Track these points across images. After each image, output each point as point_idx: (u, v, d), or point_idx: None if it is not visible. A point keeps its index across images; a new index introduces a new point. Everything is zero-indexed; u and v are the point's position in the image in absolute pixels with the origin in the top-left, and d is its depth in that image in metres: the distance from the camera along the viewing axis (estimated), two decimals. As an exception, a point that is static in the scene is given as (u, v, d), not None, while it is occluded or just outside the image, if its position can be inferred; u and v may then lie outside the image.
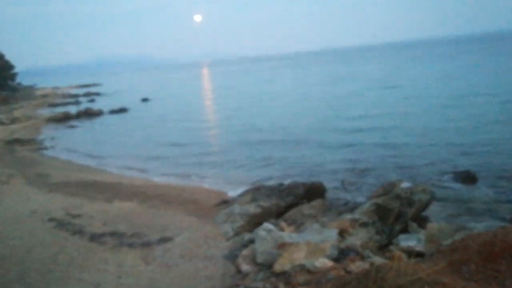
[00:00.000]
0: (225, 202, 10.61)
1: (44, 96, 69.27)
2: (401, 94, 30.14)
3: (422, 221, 7.15)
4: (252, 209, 8.83)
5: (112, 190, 12.92)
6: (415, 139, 16.36)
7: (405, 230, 6.78)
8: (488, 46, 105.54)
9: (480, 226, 6.22)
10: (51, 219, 9.97)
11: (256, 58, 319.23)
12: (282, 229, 7.48)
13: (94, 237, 8.80)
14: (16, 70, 65.88)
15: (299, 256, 6.11)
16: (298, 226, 7.68)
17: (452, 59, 65.25)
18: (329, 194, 10.61)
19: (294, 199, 9.45)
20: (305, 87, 43.59)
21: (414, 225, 6.82)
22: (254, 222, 8.55)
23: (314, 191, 10.03)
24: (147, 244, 8.38)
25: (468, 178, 10.87)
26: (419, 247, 5.96)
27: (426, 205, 7.25)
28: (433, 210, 8.45)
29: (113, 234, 9.00)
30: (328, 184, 11.37)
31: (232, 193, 11.84)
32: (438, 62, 63.07)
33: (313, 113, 25.24)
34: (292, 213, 8.65)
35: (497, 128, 16.71)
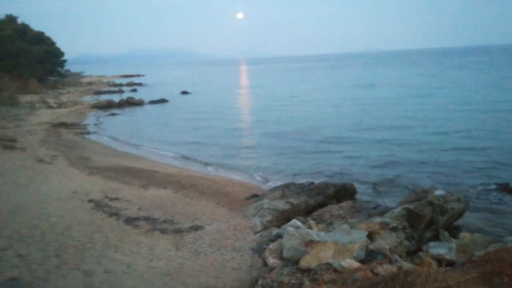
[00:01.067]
0: (255, 196, 10.76)
1: (90, 84, 72.27)
2: (439, 101, 29.37)
3: (454, 231, 6.99)
4: (281, 205, 8.92)
5: (148, 177, 13.38)
6: (452, 147, 15.94)
7: (435, 238, 6.66)
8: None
9: (516, 239, 6.02)
10: (90, 200, 10.48)
11: (294, 58, 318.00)
12: (310, 227, 7.52)
13: (129, 220, 9.17)
14: (65, 57, 68.83)
15: (326, 255, 6.13)
16: (326, 225, 7.69)
17: (497, 68, 62.35)
18: (359, 196, 10.55)
19: (323, 199, 9.46)
20: (341, 89, 43.04)
21: (445, 233, 6.68)
22: (283, 218, 8.64)
23: (344, 192, 9.99)
24: (178, 231, 8.65)
25: (506, 190, 10.49)
26: (450, 256, 5.84)
27: (459, 215, 7.07)
28: (466, 220, 8.22)
29: (147, 219, 9.35)
30: (359, 186, 11.32)
31: (263, 188, 12.00)
32: (481, 70, 60.44)
33: (348, 116, 25.02)
34: (321, 212, 8.67)
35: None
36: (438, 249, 6.07)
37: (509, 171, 12.49)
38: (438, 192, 7.00)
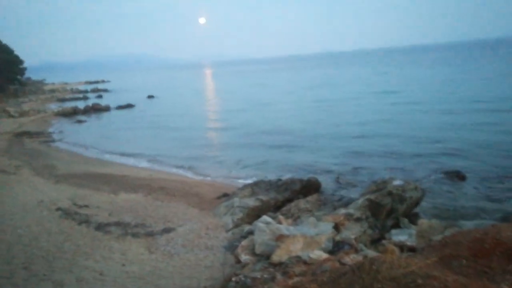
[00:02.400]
0: (226, 195, 10.92)
1: (53, 91, 70.10)
2: (396, 98, 30.44)
3: (413, 218, 7.39)
4: (252, 202, 9.12)
5: (118, 182, 13.27)
6: (408, 140, 16.77)
7: (396, 225, 7.03)
8: (490, 52, 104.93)
9: (469, 224, 6.44)
10: (58, 209, 10.31)
11: (258, 60, 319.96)
12: (280, 222, 7.74)
13: (100, 227, 9.11)
14: (25, 65, 66.48)
15: (296, 248, 6.37)
16: (295, 219, 7.94)
17: (450, 65, 65.06)
18: (324, 190, 10.95)
19: (291, 194, 9.74)
20: (304, 90, 43.73)
21: (405, 220, 7.07)
22: (253, 214, 8.84)
23: (310, 187, 10.32)
24: (150, 234, 8.69)
25: (458, 177, 11.21)
26: (410, 242, 6.20)
27: (417, 202, 7.48)
28: (423, 207, 8.71)
29: (118, 224, 9.32)
30: (324, 180, 11.77)
31: (233, 186, 12.18)
32: (437, 67, 62.91)
33: (310, 116, 25.51)
34: (289, 207, 8.93)
35: (488, 130, 17.09)
36: (400, 236, 6.42)
37: (460, 160, 13.26)
38: (396, 182, 7.38)
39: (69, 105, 42.11)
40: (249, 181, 12.21)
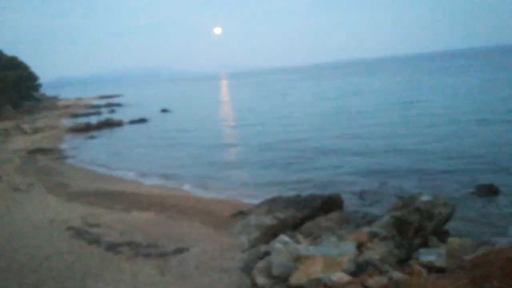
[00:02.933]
0: (242, 213, 10.53)
1: (67, 106, 71.07)
2: (421, 109, 29.69)
3: (443, 235, 6.93)
4: (268, 220, 8.74)
5: (130, 200, 13.03)
6: (436, 152, 16.03)
7: (425, 244, 6.58)
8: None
9: (502, 241, 5.97)
10: (69, 228, 10.08)
11: (273, 70, 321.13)
12: (298, 242, 7.36)
13: (111, 247, 8.83)
14: (40, 81, 67.78)
15: (316, 270, 5.98)
16: (315, 238, 7.53)
17: (475, 72, 63.91)
18: (347, 207, 10.44)
19: (311, 211, 9.30)
20: (323, 101, 43.26)
21: (434, 239, 6.61)
22: (270, 233, 8.44)
23: (331, 203, 9.86)
24: (162, 255, 8.36)
25: (490, 191, 10.60)
26: (440, 262, 5.75)
27: (447, 219, 7.02)
28: (454, 224, 8.19)
29: (129, 244, 9.02)
30: (346, 196, 11.21)
31: (249, 204, 11.80)
32: (461, 75, 61.85)
33: (332, 127, 25.01)
34: (309, 225, 8.51)
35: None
36: (428, 256, 5.97)
37: (492, 173, 12.59)
38: (425, 198, 6.95)
39: (82, 120, 42.46)
40: (267, 197, 11.77)
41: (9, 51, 64.70)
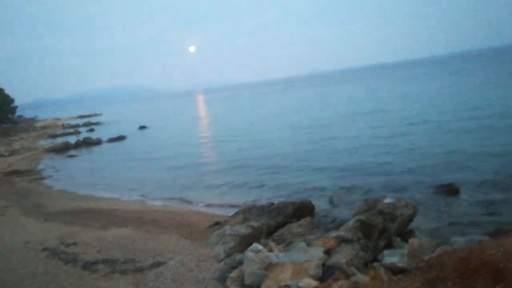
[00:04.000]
0: (218, 224, 10.69)
1: (45, 127, 69.93)
2: (385, 113, 30.72)
3: (406, 236, 7.23)
4: (243, 229, 8.91)
5: (108, 217, 13.01)
6: (399, 156, 16.67)
7: (390, 245, 6.86)
8: (481, 62, 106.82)
9: (462, 240, 6.27)
10: (45, 249, 10.03)
11: (249, 85, 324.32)
12: (271, 249, 7.54)
13: (87, 265, 8.83)
14: (17, 103, 66.77)
15: (285, 277, 6.15)
16: (286, 245, 7.73)
17: (437, 79, 65.91)
18: (318, 212, 10.74)
19: (284, 218, 9.53)
20: (293, 112, 43.89)
21: (398, 240, 6.90)
22: (245, 242, 8.60)
23: (303, 209, 10.13)
24: (139, 270, 8.41)
25: (451, 190, 11.07)
26: (402, 263, 6.01)
27: (409, 220, 7.34)
28: (417, 224, 8.54)
29: (106, 261, 9.03)
30: (317, 202, 11.58)
31: (225, 214, 11.97)
32: (426, 82, 63.60)
33: (303, 137, 25.41)
34: (281, 232, 8.73)
35: (479, 142, 16.97)
36: (391, 257, 6.24)
37: (452, 173, 13.13)
38: (387, 200, 7.24)
39: (60, 140, 41.91)
40: (241, 207, 11.98)
41: (-17, 74, 63.77)
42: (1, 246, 10.63)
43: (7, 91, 63.12)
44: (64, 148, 35.49)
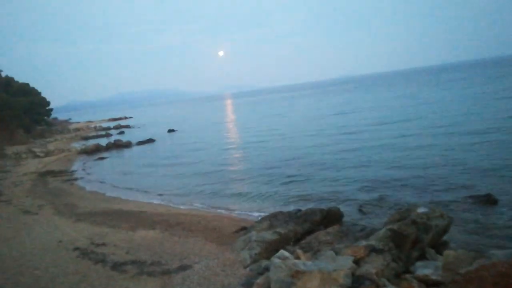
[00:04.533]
0: (244, 229, 10.63)
1: (78, 130, 72.30)
2: (419, 119, 29.90)
3: (441, 247, 6.94)
4: (269, 235, 8.82)
5: (136, 219, 13.21)
6: (434, 164, 16.09)
7: (423, 256, 6.61)
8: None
9: (501, 253, 5.95)
10: (76, 248, 10.27)
11: (278, 88, 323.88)
12: (298, 257, 7.42)
13: (116, 266, 8.98)
14: (52, 106, 69.24)
15: (313, 285, 6.02)
16: (314, 253, 7.59)
17: (471, 85, 63.62)
18: (347, 220, 10.49)
19: (311, 225, 9.38)
20: (322, 117, 43.42)
21: (431, 251, 6.63)
22: (272, 249, 8.51)
23: (331, 217, 9.93)
24: (166, 272, 8.47)
25: (488, 201, 10.56)
26: (435, 276, 5.77)
27: (444, 231, 7.04)
28: (452, 235, 8.20)
29: (134, 262, 9.16)
30: (346, 210, 11.31)
31: (252, 219, 11.91)
32: (460, 87, 61.60)
33: (332, 144, 24.99)
34: (308, 239, 8.58)
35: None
36: (424, 269, 5.99)
37: (490, 183, 12.55)
38: (421, 210, 6.99)
39: (92, 142, 43.12)
40: (269, 213, 11.89)
41: (21, 78, 66.54)
42: (34, 244, 10.98)
43: (44, 94, 65.76)
44: (95, 150, 36.50)
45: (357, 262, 6.38)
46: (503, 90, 45.15)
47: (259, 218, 11.14)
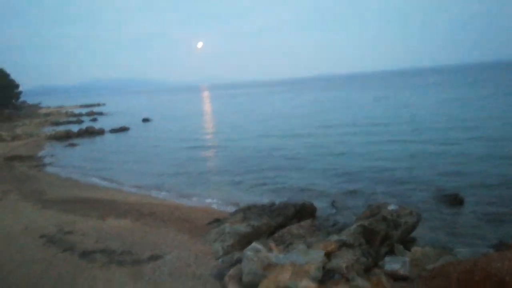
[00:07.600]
0: (217, 221, 10.62)
1: (48, 115, 69.97)
2: (391, 120, 30.59)
3: (409, 243, 7.16)
4: (243, 228, 8.85)
5: (107, 207, 12.95)
6: (404, 163, 16.59)
7: (391, 252, 6.79)
8: (490, 75, 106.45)
9: (465, 251, 6.20)
10: (42, 236, 9.99)
11: (254, 83, 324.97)
12: (270, 249, 7.48)
13: (84, 254, 8.79)
14: (22, 89, 66.84)
15: (284, 278, 6.09)
16: (286, 246, 7.67)
17: (455, 88, 65.63)
18: (320, 215, 10.66)
19: (284, 219, 9.47)
20: (298, 113, 43.74)
21: (400, 247, 6.83)
22: (245, 241, 8.55)
23: (304, 212, 10.06)
24: (136, 262, 8.36)
25: (455, 200, 10.99)
26: (403, 271, 5.94)
27: (412, 228, 7.26)
28: (420, 232, 8.47)
29: (103, 251, 8.98)
30: (319, 204, 11.48)
31: (225, 212, 11.91)
32: (440, 90, 63.40)
33: (306, 139, 25.26)
34: (281, 233, 8.66)
35: (486, 153, 16.89)
36: (393, 264, 6.16)
37: (457, 183, 13.07)
38: (391, 207, 7.17)
39: (63, 128, 41.90)
40: (242, 206, 11.91)
41: (-11, 58, 63.97)
42: (-1, 230, 10.61)
43: (13, 75, 63.28)
44: (66, 136, 35.51)
45: (328, 256, 6.49)
46: (475, 94, 46.95)
47: (233, 211, 11.15)
